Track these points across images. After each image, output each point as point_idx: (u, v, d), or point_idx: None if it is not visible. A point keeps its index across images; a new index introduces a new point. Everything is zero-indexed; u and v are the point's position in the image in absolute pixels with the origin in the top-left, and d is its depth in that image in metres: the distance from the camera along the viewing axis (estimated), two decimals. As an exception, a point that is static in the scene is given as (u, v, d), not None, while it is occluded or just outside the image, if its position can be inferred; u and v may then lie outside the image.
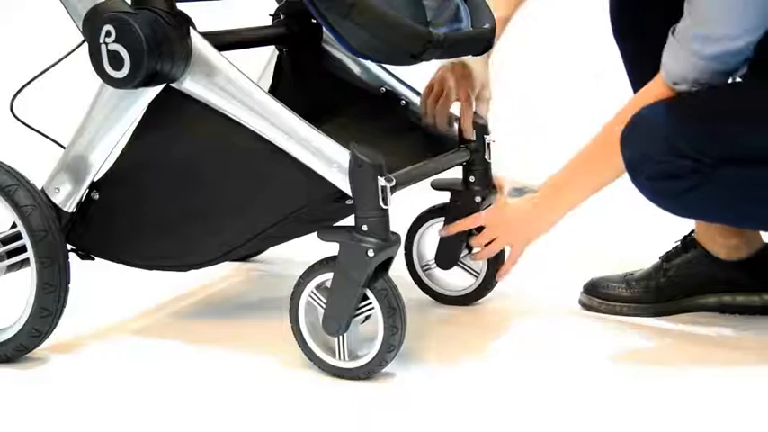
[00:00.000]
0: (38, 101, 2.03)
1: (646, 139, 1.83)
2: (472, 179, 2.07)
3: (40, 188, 1.88)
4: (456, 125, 2.07)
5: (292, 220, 1.82)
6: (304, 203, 1.80)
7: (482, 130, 2.05)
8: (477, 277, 2.14)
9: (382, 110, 2.09)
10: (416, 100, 2.10)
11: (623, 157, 1.86)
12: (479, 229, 2.07)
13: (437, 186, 2.11)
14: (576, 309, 2.13)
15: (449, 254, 2.13)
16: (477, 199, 2.07)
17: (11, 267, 1.88)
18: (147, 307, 2.17)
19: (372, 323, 1.80)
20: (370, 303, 1.78)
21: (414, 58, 1.73)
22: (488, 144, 2.06)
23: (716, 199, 1.82)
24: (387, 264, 1.80)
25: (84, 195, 1.89)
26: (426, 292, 2.19)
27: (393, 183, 1.76)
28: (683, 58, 1.82)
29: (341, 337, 1.80)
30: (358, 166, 1.74)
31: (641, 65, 2.04)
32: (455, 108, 2.08)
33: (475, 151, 2.05)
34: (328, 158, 1.76)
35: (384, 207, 1.75)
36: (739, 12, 1.76)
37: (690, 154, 1.79)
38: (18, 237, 1.86)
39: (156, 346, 1.99)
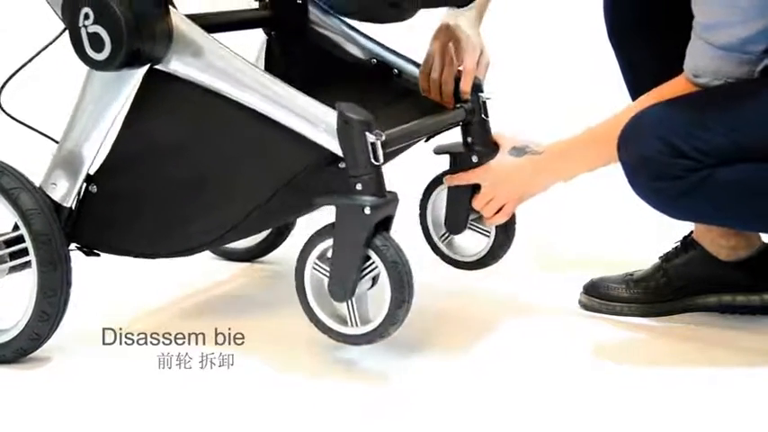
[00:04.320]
0: (28, 96, 2.03)
1: (643, 141, 1.82)
2: (470, 140, 2.06)
3: (37, 185, 1.88)
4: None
5: (289, 189, 1.80)
6: (298, 170, 1.79)
7: (477, 89, 2.04)
8: (488, 236, 2.12)
9: (375, 80, 2.08)
10: (409, 68, 2.09)
11: (620, 161, 1.85)
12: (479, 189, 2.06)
13: (438, 151, 2.10)
14: (576, 309, 2.12)
15: (458, 217, 2.11)
16: (474, 159, 2.05)
17: (12, 269, 1.88)
18: (150, 307, 2.16)
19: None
20: (374, 263, 1.76)
21: (394, 6, 1.72)
22: (484, 102, 2.05)
23: (715, 199, 1.81)
24: (387, 224, 1.78)
25: (83, 190, 1.89)
26: (445, 260, 2.16)
27: (383, 138, 1.74)
28: (699, 48, 1.82)
29: (350, 302, 1.77)
30: (345, 122, 1.73)
31: (636, 67, 2.04)
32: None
33: (471, 111, 2.04)
34: (316, 120, 1.75)
35: (376, 163, 1.74)
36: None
37: (689, 153, 1.78)
38: (20, 239, 1.86)
39: (158, 345, 1.96)
